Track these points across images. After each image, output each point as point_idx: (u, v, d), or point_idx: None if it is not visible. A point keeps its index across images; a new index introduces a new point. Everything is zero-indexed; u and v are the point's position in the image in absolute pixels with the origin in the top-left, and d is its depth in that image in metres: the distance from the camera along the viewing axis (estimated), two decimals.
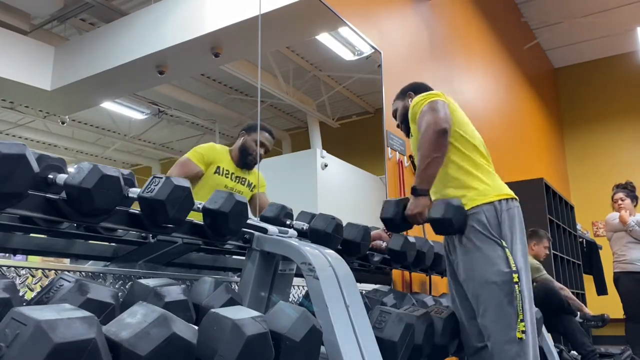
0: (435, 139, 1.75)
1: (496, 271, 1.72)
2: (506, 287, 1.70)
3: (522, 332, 1.66)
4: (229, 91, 4.39)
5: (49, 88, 3.74)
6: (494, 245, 1.75)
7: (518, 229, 1.80)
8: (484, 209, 1.78)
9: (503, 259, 1.73)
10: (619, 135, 7.77)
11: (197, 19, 3.50)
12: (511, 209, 1.82)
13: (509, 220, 1.79)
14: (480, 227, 1.77)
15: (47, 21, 4.02)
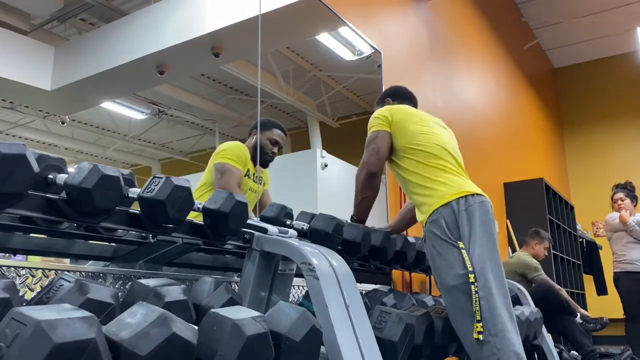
0: (365, 181, 1.95)
1: (453, 275, 1.71)
2: (464, 288, 1.68)
3: (478, 333, 1.62)
4: (229, 91, 4.39)
5: (49, 88, 3.74)
6: (451, 249, 1.74)
7: (478, 225, 1.76)
8: (442, 213, 1.78)
9: (459, 262, 1.71)
10: (619, 135, 7.78)
11: (197, 19, 3.50)
12: (471, 206, 1.78)
13: (468, 218, 1.76)
14: (439, 232, 1.77)
15: (47, 21, 4.02)
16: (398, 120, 2.00)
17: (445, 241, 1.75)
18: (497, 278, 1.71)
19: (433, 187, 1.86)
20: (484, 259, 1.71)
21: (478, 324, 1.63)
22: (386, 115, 2.00)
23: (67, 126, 4.48)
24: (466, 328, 1.66)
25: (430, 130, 2.01)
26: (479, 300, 1.65)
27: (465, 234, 1.74)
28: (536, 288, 3.79)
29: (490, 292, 1.67)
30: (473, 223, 1.75)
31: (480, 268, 1.69)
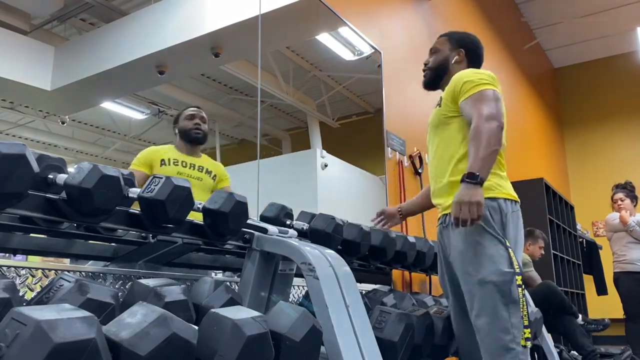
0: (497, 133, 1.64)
1: (496, 270, 1.61)
2: (505, 288, 1.60)
3: (527, 340, 1.56)
4: (229, 91, 4.39)
5: (49, 88, 3.74)
6: (496, 243, 1.64)
7: (520, 235, 1.74)
8: (488, 206, 1.65)
9: (506, 258, 1.62)
10: (619, 135, 7.78)
11: (197, 19, 3.50)
12: (515, 212, 1.73)
13: (514, 222, 1.71)
14: (484, 221, 1.64)
15: (47, 21, 4.02)
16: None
17: (490, 233, 1.64)
18: None
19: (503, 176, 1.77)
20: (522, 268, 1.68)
21: (526, 329, 1.56)
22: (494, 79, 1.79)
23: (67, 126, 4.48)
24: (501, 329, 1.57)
25: None
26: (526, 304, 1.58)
27: (511, 237, 1.68)
28: (537, 288, 3.79)
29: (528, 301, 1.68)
30: (518, 230, 1.72)
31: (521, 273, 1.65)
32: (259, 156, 2.73)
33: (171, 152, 2.38)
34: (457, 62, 1.93)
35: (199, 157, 2.45)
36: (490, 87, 1.72)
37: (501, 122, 1.66)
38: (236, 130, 4.81)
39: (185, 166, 2.35)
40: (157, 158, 2.32)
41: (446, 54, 1.95)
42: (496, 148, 1.63)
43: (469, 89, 1.72)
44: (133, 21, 3.78)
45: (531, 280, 3.92)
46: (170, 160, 2.33)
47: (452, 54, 1.94)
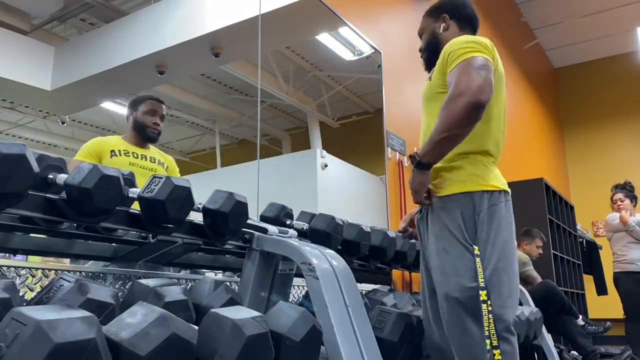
0: (465, 113, 1.36)
1: (459, 285, 1.42)
2: (469, 303, 1.40)
3: None
4: (229, 91, 4.39)
5: (49, 88, 3.74)
6: (462, 251, 1.43)
7: (503, 229, 1.47)
8: (461, 203, 1.46)
9: (470, 271, 1.41)
10: (619, 135, 7.78)
11: (197, 19, 3.50)
12: (496, 205, 1.47)
13: (490, 218, 1.45)
14: (452, 226, 1.46)
15: (47, 21, 4.02)
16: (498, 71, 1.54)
17: (457, 240, 1.45)
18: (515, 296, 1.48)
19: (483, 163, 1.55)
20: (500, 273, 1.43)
21: (496, 350, 1.35)
22: (483, 43, 1.50)
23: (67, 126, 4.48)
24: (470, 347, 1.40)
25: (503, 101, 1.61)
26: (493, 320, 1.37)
27: (483, 237, 1.44)
28: (537, 287, 3.79)
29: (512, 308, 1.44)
30: (498, 225, 1.46)
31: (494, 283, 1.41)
32: (259, 156, 2.73)
33: (120, 143, 2.29)
34: (446, 30, 1.72)
35: (148, 148, 2.36)
36: (475, 54, 1.44)
37: (475, 97, 1.36)
38: (236, 130, 4.82)
39: (137, 157, 2.27)
40: (105, 149, 2.23)
41: (431, 28, 1.75)
42: (453, 133, 1.39)
43: (454, 59, 1.47)
44: (133, 21, 3.78)
45: (530, 279, 3.92)
46: (121, 151, 2.26)
47: (437, 24, 1.73)
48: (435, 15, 1.76)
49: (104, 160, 2.20)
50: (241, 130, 4.78)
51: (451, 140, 1.43)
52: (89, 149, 2.24)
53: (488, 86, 1.39)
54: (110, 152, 2.23)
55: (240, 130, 4.79)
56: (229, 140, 4.96)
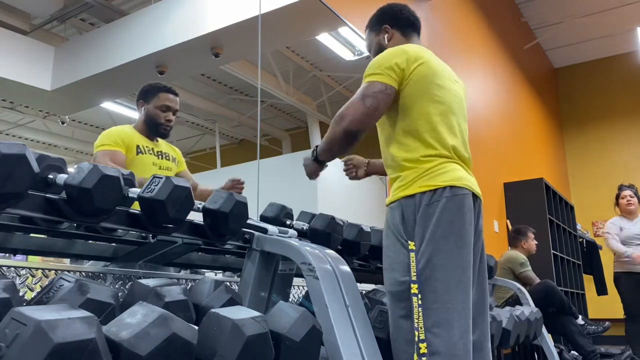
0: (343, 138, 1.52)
1: (393, 280, 1.47)
2: (401, 297, 1.43)
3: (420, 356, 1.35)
4: (229, 91, 4.39)
5: (49, 88, 3.74)
6: (399, 248, 1.49)
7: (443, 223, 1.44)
8: (402, 204, 1.50)
9: (403, 265, 1.45)
10: (619, 135, 7.78)
11: (197, 19, 3.50)
12: (437, 202, 1.46)
13: (429, 215, 1.45)
14: (392, 224, 1.52)
15: (47, 21, 4.02)
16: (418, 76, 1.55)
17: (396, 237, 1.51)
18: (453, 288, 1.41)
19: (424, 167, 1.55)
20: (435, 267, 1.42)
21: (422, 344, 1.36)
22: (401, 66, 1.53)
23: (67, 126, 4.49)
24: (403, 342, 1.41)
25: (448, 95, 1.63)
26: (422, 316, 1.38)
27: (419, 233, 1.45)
28: (537, 287, 3.79)
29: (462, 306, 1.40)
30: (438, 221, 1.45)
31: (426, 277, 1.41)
32: (259, 156, 2.74)
33: (140, 138, 2.18)
34: (390, 39, 1.74)
35: (157, 141, 2.27)
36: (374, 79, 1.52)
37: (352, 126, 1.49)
38: (236, 130, 4.82)
39: (158, 156, 2.19)
40: (132, 142, 2.12)
41: (376, 41, 1.77)
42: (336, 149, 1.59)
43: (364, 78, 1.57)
44: (133, 21, 3.79)
45: (528, 280, 3.93)
46: (145, 149, 2.16)
47: (381, 36, 1.76)
48: (376, 28, 1.78)
49: (130, 154, 2.10)
50: (241, 130, 4.78)
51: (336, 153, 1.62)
52: (115, 137, 2.10)
53: (367, 116, 1.50)
54: (136, 148, 2.12)
55: (240, 130, 4.79)
56: (229, 140, 4.96)
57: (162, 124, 2.18)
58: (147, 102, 2.20)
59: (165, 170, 2.19)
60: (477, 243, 1.57)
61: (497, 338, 2.22)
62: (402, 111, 1.56)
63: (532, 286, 3.85)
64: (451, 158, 1.58)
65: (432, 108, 1.57)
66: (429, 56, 1.62)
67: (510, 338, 2.33)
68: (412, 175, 1.52)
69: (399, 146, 1.57)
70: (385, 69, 1.53)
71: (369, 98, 1.51)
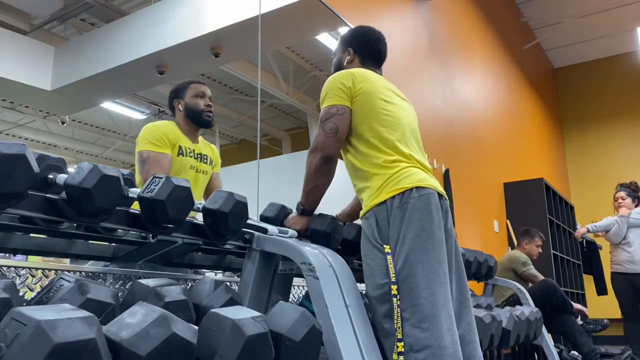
0: (319, 166, 1.61)
1: (373, 284, 1.50)
2: (383, 299, 1.46)
3: (399, 354, 1.38)
4: (229, 91, 4.39)
5: (49, 88, 3.74)
6: (375, 253, 1.51)
7: (414, 223, 1.49)
8: (375, 212, 1.55)
9: (382, 269, 1.48)
10: (619, 135, 7.78)
11: (197, 19, 3.50)
12: (407, 203, 1.51)
13: (400, 216, 1.50)
14: (368, 232, 1.56)
15: (47, 21, 4.02)
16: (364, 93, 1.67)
17: (372, 244, 1.54)
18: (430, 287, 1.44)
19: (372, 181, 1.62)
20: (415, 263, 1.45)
21: (399, 343, 1.39)
22: (347, 85, 1.66)
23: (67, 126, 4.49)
24: (387, 346, 1.43)
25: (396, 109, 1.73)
26: (400, 315, 1.42)
27: (394, 235, 1.50)
28: (538, 286, 3.80)
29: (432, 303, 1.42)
30: (408, 221, 1.50)
31: (404, 276, 1.45)
32: (259, 156, 2.74)
33: (183, 139, 2.10)
34: (350, 63, 1.85)
35: (198, 142, 2.19)
36: (329, 104, 1.65)
37: (324, 153, 1.61)
38: (236, 130, 4.82)
39: (196, 158, 2.12)
40: (175, 141, 2.04)
41: (339, 55, 1.88)
42: (316, 183, 1.64)
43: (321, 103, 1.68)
44: (133, 21, 3.79)
45: (532, 277, 3.92)
46: (187, 150, 2.08)
47: (344, 55, 1.87)
48: (343, 46, 1.88)
49: (173, 153, 2.03)
50: (241, 130, 4.78)
51: (317, 190, 1.67)
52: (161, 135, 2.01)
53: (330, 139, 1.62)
54: (179, 148, 2.06)
55: (240, 130, 4.79)
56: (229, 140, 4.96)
57: (203, 110, 2.13)
58: (182, 98, 2.16)
59: (201, 174, 2.13)
60: (449, 240, 1.60)
61: (497, 338, 2.22)
62: (355, 126, 1.66)
63: (534, 284, 3.86)
64: (411, 163, 1.64)
65: (382, 121, 1.67)
66: (374, 78, 1.75)
67: (510, 338, 2.33)
68: (379, 183, 1.59)
69: (360, 157, 1.65)
70: (334, 91, 1.66)
71: (327, 122, 1.63)
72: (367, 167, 1.63)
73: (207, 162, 2.18)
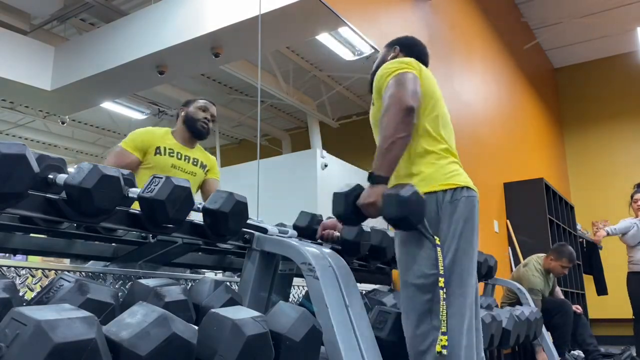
0: (400, 118, 1.50)
1: (418, 272, 1.50)
2: (426, 290, 1.48)
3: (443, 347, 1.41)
4: (229, 91, 4.39)
5: (49, 88, 3.74)
6: (424, 242, 1.51)
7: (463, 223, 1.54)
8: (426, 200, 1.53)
9: (431, 259, 1.49)
10: (619, 135, 7.78)
11: (197, 19, 3.50)
12: (457, 200, 1.56)
13: (451, 211, 1.54)
14: None
15: (47, 21, 4.02)
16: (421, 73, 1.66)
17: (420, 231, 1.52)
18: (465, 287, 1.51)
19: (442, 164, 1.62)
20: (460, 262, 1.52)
21: (443, 336, 1.41)
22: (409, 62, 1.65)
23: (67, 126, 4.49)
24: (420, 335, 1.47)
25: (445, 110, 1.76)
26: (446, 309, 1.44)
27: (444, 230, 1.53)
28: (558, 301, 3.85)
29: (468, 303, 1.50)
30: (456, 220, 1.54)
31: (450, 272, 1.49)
32: (259, 156, 2.74)
33: (168, 139, 2.26)
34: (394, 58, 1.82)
35: (193, 147, 2.33)
36: (401, 71, 1.59)
37: (403, 104, 1.51)
38: (236, 130, 4.82)
39: (181, 158, 2.24)
40: (152, 144, 2.20)
41: (384, 56, 1.91)
42: (396, 137, 1.50)
43: (386, 78, 1.62)
44: (133, 21, 3.79)
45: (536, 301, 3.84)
46: (166, 150, 2.22)
47: (389, 52, 1.90)
48: (389, 45, 1.94)
49: (149, 155, 2.17)
50: (241, 130, 4.78)
51: (397, 146, 1.52)
52: (136, 140, 2.20)
53: (415, 94, 1.55)
54: (155, 149, 2.19)
55: (240, 130, 4.79)
56: (229, 140, 4.96)
57: (199, 120, 2.28)
58: (187, 107, 2.33)
59: (187, 174, 2.22)
60: None
61: (497, 338, 2.22)
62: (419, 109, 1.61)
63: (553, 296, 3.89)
64: (458, 162, 1.69)
65: (440, 113, 1.69)
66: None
67: (510, 338, 2.33)
68: (431, 170, 1.60)
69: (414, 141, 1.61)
70: (406, 64, 1.63)
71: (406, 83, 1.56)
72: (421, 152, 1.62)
73: (198, 165, 2.30)
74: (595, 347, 3.83)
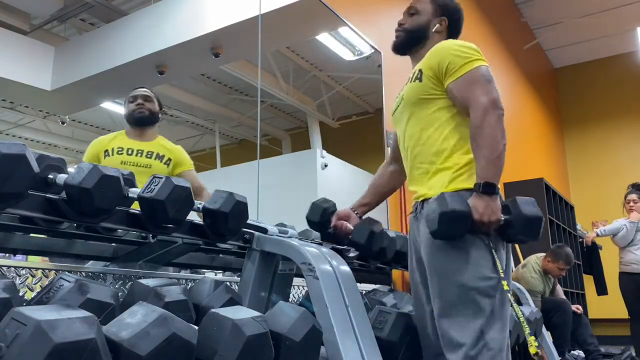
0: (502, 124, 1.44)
1: (478, 274, 1.40)
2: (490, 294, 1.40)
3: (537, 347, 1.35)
4: (229, 91, 4.39)
5: (49, 88, 3.74)
6: (479, 243, 1.43)
7: None
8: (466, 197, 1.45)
9: (488, 262, 1.41)
10: (619, 135, 7.78)
11: (197, 19, 3.50)
12: None
13: None
14: None
15: (47, 21, 4.02)
16: None
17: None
18: None
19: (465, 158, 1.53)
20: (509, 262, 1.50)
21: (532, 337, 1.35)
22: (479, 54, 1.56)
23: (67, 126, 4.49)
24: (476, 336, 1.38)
25: None
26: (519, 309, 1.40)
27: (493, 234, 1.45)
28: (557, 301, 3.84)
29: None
30: None
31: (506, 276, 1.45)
32: (259, 156, 2.74)
33: (118, 140, 2.31)
34: (438, 32, 1.69)
35: (150, 140, 2.34)
36: (483, 64, 1.51)
37: (501, 108, 1.46)
38: (236, 130, 4.81)
39: (131, 154, 2.28)
40: (101, 150, 2.28)
41: (427, 18, 1.70)
42: (504, 143, 1.43)
43: (459, 66, 1.49)
44: (133, 21, 3.78)
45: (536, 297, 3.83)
46: (114, 150, 2.27)
47: (434, 20, 1.69)
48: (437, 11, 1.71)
49: (101, 161, 2.24)
50: (241, 130, 4.78)
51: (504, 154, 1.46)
52: (89, 153, 2.31)
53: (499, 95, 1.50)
54: (104, 153, 2.28)
55: (240, 130, 4.79)
56: (229, 140, 4.96)
57: (133, 111, 2.34)
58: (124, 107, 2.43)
59: (139, 167, 2.25)
60: None
61: None
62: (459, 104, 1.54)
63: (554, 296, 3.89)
64: None
65: None
66: None
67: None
68: (464, 161, 1.52)
69: (451, 134, 1.54)
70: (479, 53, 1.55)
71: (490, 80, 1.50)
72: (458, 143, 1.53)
73: (153, 157, 2.32)
74: (595, 347, 3.83)
